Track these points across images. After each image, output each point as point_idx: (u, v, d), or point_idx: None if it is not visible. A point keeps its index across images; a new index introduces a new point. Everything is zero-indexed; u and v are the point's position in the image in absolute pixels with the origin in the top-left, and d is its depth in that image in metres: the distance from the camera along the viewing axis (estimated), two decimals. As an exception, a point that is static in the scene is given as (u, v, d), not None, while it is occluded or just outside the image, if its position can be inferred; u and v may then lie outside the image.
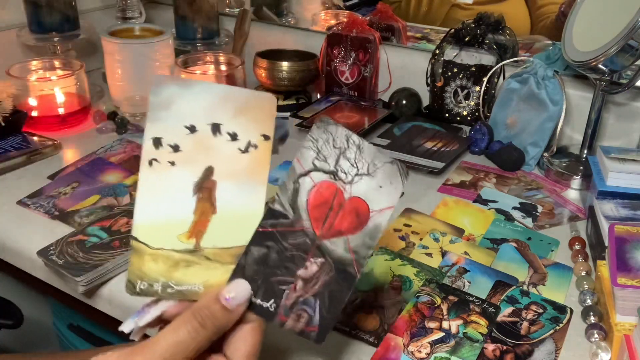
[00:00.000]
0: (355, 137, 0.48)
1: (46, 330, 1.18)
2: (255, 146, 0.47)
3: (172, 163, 0.46)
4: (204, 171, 0.47)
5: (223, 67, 1.19)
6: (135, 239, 0.46)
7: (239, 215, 0.47)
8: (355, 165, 0.48)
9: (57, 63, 1.12)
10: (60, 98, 1.08)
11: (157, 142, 0.46)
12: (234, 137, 0.47)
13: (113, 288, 0.69)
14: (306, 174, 0.48)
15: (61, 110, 1.07)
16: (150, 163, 0.46)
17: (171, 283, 0.45)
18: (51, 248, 0.71)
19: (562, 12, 1.18)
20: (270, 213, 0.47)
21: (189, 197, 0.46)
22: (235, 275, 0.45)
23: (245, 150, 0.47)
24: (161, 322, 0.46)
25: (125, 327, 0.44)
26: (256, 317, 0.45)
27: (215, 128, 0.47)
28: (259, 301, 0.45)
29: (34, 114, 1.04)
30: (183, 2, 1.23)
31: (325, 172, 0.48)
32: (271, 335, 0.62)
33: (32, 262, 0.74)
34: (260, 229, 0.46)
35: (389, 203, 0.48)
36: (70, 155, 0.97)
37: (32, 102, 1.06)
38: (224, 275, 0.46)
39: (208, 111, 0.47)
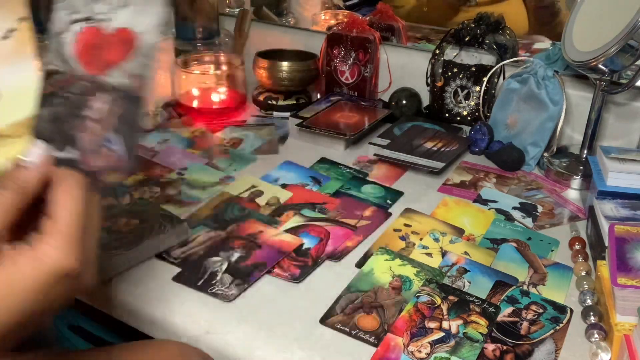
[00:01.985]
0: None
1: (46, 331, 1.18)
2: (15, 29, 0.51)
3: None
4: None
5: (223, 67, 1.19)
6: None
7: (19, 90, 0.50)
8: (108, 3, 0.51)
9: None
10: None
11: None
12: None
13: (113, 288, 0.69)
14: (62, 32, 0.51)
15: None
16: None
17: None
18: (51, 248, 0.70)
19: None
20: (46, 75, 0.50)
21: None
22: (33, 139, 0.48)
23: (6, 37, 0.51)
24: None
25: None
26: (69, 173, 0.46)
27: None
28: (62, 154, 0.47)
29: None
30: (183, 2, 1.23)
31: (80, 21, 0.50)
32: (275, 334, 0.62)
33: (32, 262, 0.74)
34: (43, 92, 0.49)
35: (152, 21, 0.51)
36: (70, 155, 0.97)
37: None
38: (24, 146, 0.48)
39: None
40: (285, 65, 1.11)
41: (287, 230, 0.78)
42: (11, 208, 0.43)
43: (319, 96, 1.20)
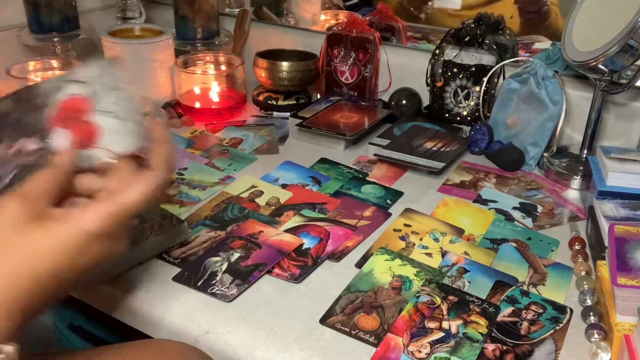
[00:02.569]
0: (128, 88, 0.55)
1: (46, 330, 1.18)
2: None
3: None
4: None
5: (223, 67, 1.19)
6: None
7: None
8: (115, 103, 0.54)
9: (57, 63, 1.12)
10: (60, 98, 1.08)
11: None
12: None
13: (113, 288, 0.69)
14: (76, 82, 0.53)
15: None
16: None
17: None
18: (51, 248, 0.70)
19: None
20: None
21: None
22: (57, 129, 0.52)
23: None
24: None
25: None
26: (154, 173, 0.53)
27: None
28: None
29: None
30: (183, 2, 1.23)
31: (89, 91, 0.53)
32: (275, 334, 0.62)
33: (32, 262, 0.74)
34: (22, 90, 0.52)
35: (114, 149, 0.53)
36: (70, 155, 0.97)
37: (32, 102, 1.06)
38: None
39: None
40: (285, 65, 1.11)
41: (287, 230, 0.78)
42: (52, 182, 0.51)
43: (319, 96, 1.20)
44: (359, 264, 0.73)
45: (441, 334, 0.62)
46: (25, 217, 0.48)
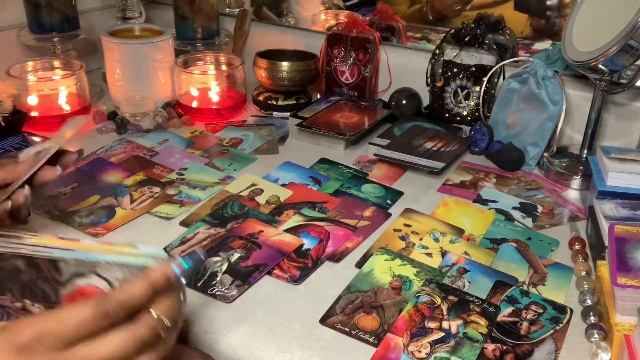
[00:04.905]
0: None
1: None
2: None
3: None
4: None
5: (223, 67, 1.19)
6: None
7: None
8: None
9: (57, 63, 1.12)
10: (60, 98, 1.08)
11: None
12: None
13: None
14: (98, 275, 0.50)
15: (61, 110, 1.07)
16: None
17: None
18: (51, 248, 0.70)
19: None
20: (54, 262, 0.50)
21: None
22: None
23: None
24: None
25: None
26: None
27: None
28: None
29: (34, 114, 1.04)
30: (183, 2, 1.23)
31: (108, 284, 0.51)
32: (275, 334, 0.62)
33: (32, 262, 0.74)
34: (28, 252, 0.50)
35: None
36: (70, 155, 0.97)
37: (32, 102, 1.06)
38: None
39: None
40: (285, 65, 1.11)
41: (287, 230, 0.78)
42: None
43: (319, 96, 1.20)
44: (359, 264, 0.73)
45: (441, 334, 0.62)
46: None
